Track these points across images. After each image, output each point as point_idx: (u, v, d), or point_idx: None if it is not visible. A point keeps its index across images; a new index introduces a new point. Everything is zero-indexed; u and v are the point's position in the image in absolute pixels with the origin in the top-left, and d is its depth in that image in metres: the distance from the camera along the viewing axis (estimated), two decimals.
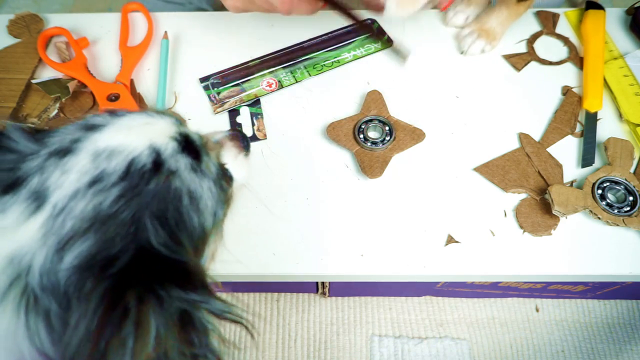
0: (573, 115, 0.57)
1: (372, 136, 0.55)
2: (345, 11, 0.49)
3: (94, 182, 0.25)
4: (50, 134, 0.28)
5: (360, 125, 0.55)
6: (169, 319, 0.23)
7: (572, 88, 0.59)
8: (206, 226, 0.29)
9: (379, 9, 0.44)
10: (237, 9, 0.55)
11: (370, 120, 0.55)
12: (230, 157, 0.37)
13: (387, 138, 0.54)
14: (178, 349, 0.23)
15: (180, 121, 0.32)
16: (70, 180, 0.25)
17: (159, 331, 0.22)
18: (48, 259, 0.23)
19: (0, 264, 0.23)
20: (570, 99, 0.58)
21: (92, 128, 0.28)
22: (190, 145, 0.30)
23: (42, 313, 0.22)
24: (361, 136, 0.54)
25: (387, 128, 0.55)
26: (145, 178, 0.26)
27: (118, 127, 0.28)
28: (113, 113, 0.29)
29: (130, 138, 0.27)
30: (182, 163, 0.28)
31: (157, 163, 0.27)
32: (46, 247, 0.23)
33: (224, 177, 0.33)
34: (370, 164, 0.53)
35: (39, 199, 0.24)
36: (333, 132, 0.55)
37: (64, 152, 0.26)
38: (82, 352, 0.21)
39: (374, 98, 0.57)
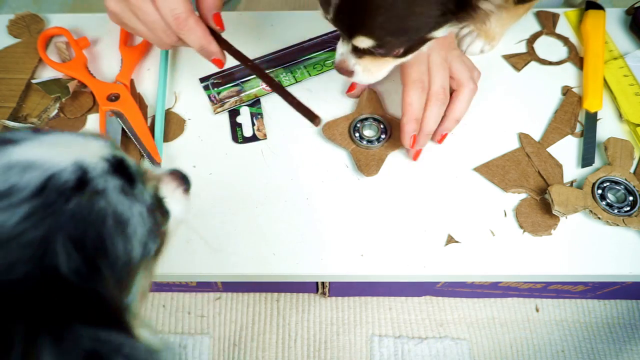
0: (573, 115, 0.57)
1: (368, 134, 0.55)
2: (238, 55, 0.49)
3: (1, 197, 0.22)
4: None
5: (356, 124, 0.55)
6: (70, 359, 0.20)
7: (572, 88, 0.59)
8: (133, 255, 0.26)
9: (348, 74, 0.47)
10: (114, 15, 0.49)
11: (366, 119, 0.55)
12: (168, 191, 0.34)
13: (383, 136, 0.54)
14: None
15: (115, 146, 0.29)
16: None
17: None
18: None
19: None
20: (570, 99, 0.58)
21: (7, 142, 0.25)
22: (123, 169, 0.27)
23: None
24: (357, 135, 0.54)
25: (382, 126, 0.55)
26: (65, 196, 0.23)
27: (40, 142, 0.25)
28: (37, 130, 0.27)
29: (52, 153, 0.24)
30: (111, 184, 0.25)
31: (82, 181, 0.24)
32: None
33: (159, 210, 0.31)
34: (367, 162, 0.53)
35: None
36: (329, 131, 0.55)
37: None
38: None
39: (369, 97, 0.57)
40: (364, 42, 0.41)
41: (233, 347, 0.69)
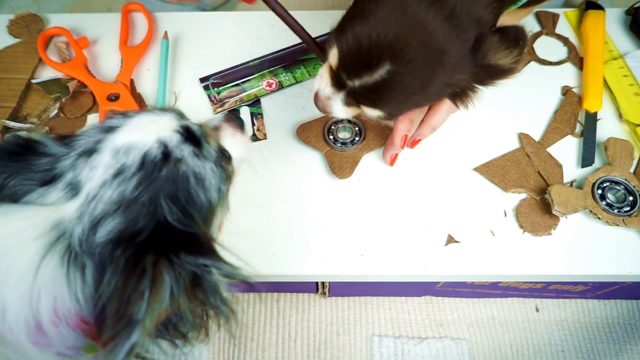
0: (573, 115, 0.57)
1: (342, 137, 0.55)
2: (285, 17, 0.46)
3: (117, 174, 0.31)
4: (76, 138, 0.33)
5: (330, 126, 0.55)
6: (181, 279, 0.28)
7: (572, 88, 0.59)
8: (212, 201, 0.34)
9: (325, 112, 0.46)
10: None
11: (340, 121, 0.55)
12: (228, 137, 0.41)
13: (357, 138, 0.54)
14: (189, 306, 0.29)
15: (181, 115, 0.36)
16: (99, 174, 0.31)
17: (172, 289, 0.28)
18: (85, 232, 0.29)
19: (48, 225, 0.29)
20: (570, 99, 0.58)
21: (109, 130, 0.33)
22: (191, 136, 0.34)
23: (80, 268, 0.28)
24: (331, 137, 0.54)
25: (356, 128, 0.55)
26: (158, 167, 0.31)
27: (130, 127, 0.33)
28: (125, 115, 0.35)
29: (141, 135, 0.32)
30: (186, 151, 0.33)
31: (166, 153, 0.32)
32: (82, 224, 0.29)
33: (223, 158, 0.38)
34: (340, 165, 0.53)
35: (74, 189, 0.31)
36: (303, 133, 0.55)
37: (90, 152, 0.32)
38: (112, 302, 0.27)
39: None
40: (374, 112, 0.43)
41: (233, 347, 0.69)
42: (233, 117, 0.43)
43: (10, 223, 0.28)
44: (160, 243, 0.29)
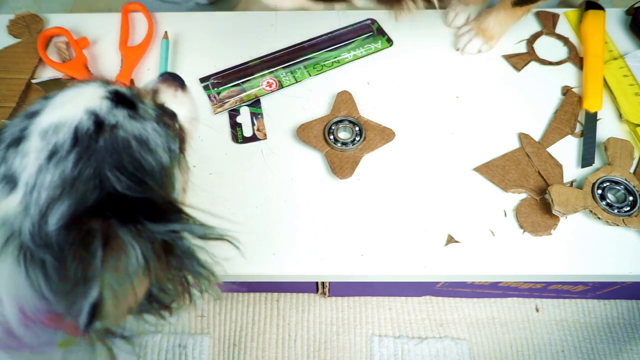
0: (573, 115, 0.57)
1: (342, 137, 0.55)
2: None
3: (52, 155, 0.29)
4: (1, 131, 0.32)
5: (331, 127, 0.55)
6: (151, 247, 0.27)
7: (572, 88, 0.59)
8: (164, 162, 0.32)
9: None
10: None
11: (340, 121, 0.55)
12: (170, 98, 0.39)
13: (357, 138, 0.54)
14: (167, 277, 0.28)
15: (106, 82, 0.35)
16: (32, 160, 0.29)
17: (144, 255, 0.26)
18: (35, 225, 0.27)
19: None
20: (570, 99, 0.58)
21: (33, 115, 0.31)
22: (123, 99, 0.33)
23: (39, 264, 0.27)
24: (331, 137, 0.54)
25: (357, 128, 0.55)
26: (93, 138, 0.30)
27: (53, 105, 0.31)
28: (46, 97, 0.33)
29: (67, 111, 0.31)
30: (120, 115, 0.31)
31: (98, 122, 0.30)
32: (30, 217, 0.28)
33: (166, 115, 0.37)
34: (341, 165, 0.53)
35: (11, 181, 0.29)
36: (303, 133, 0.55)
37: (18, 141, 0.30)
38: (71, 278, 0.25)
39: (343, 99, 0.57)
40: None
41: (233, 347, 0.69)
42: (169, 76, 0.41)
43: None
44: (113, 210, 0.27)
